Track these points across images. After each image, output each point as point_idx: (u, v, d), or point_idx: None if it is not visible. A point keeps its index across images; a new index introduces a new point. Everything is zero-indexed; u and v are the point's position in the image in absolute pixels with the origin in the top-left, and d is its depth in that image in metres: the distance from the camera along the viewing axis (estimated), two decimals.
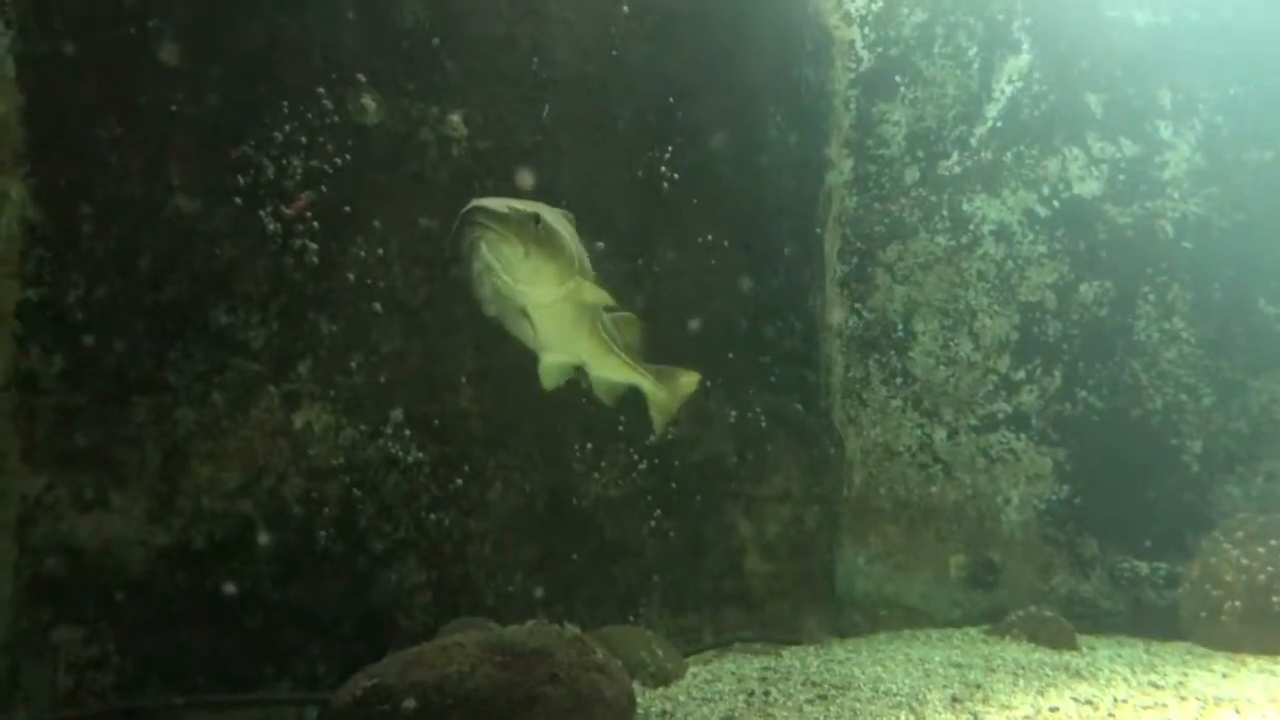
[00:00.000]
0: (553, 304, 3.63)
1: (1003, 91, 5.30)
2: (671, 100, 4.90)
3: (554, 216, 3.58)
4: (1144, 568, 5.24)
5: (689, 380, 4.40)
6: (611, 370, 4.18)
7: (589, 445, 4.68)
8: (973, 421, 5.49)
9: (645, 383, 4.27)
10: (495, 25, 4.35)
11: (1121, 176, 5.19)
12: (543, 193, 4.50)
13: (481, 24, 4.32)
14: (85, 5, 3.34)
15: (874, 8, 5.39)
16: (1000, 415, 5.45)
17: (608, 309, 3.94)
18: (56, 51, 3.28)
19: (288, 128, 3.80)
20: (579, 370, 4.11)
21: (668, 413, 4.41)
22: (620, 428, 4.79)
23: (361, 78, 3.96)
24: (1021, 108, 5.29)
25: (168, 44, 3.50)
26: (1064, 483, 5.39)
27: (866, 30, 5.44)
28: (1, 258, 3.18)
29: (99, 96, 3.37)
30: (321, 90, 3.88)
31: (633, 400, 4.26)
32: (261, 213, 3.74)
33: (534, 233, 3.38)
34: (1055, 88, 5.23)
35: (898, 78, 5.41)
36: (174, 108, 3.52)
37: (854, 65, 5.47)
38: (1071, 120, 5.22)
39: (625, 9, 4.68)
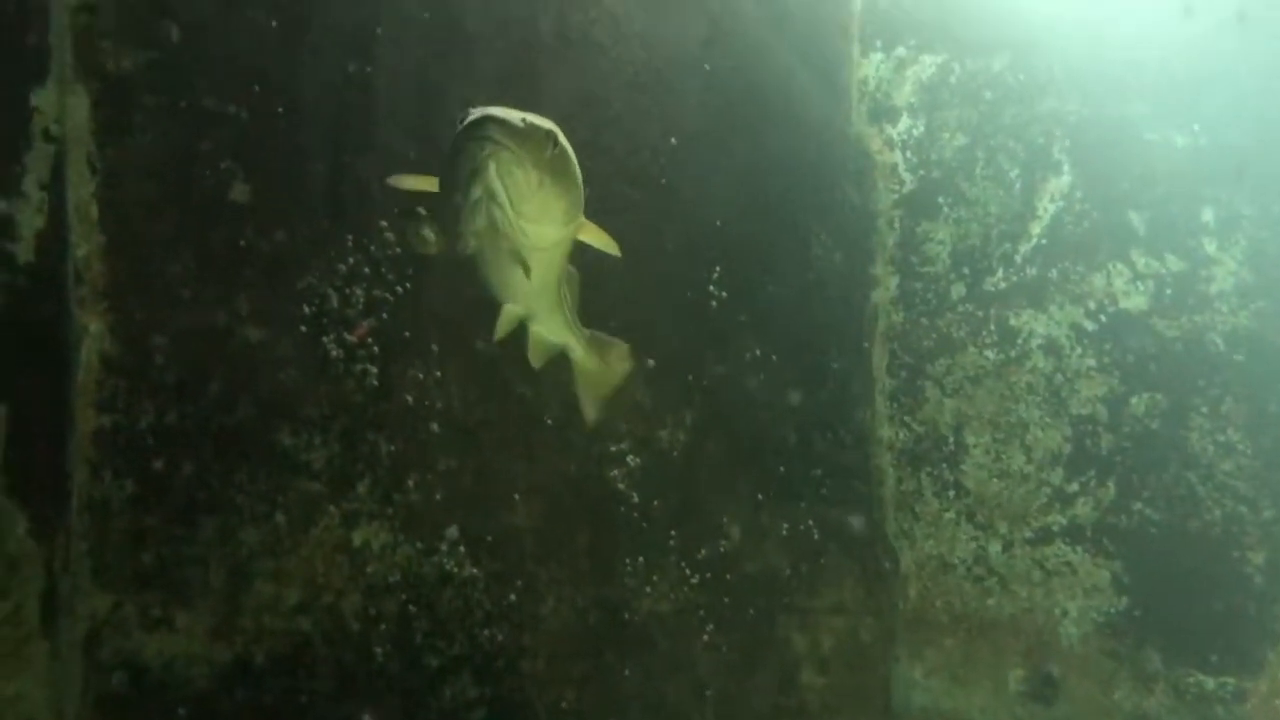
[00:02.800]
0: (551, 247, 3.17)
1: (1046, 210, 5.38)
2: (719, 223, 5.05)
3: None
4: (1210, 683, 5.11)
5: (621, 356, 4.03)
6: (554, 329, 3.75)
7: (640, 559, 4.74)
8: (1027, 534, 5.45)
9: (579, 350, 3.86)
10: None
11: (1168, 291, 5.21)
12: (593, 316, 4.66)
13: None
14: (164, 151, 3.58)
15: (915, 133, 5.53)
16: (1055, 527, 5.40)
17: None
18: (137, 194, 3.52)
19: (351, 259, 4.00)
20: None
21: (599, 393, 4.09)
22: (671, 541, 4.84)
23: (422, 211, 4.16)
24: (1064, 225, 5.35)
25: (239, 184, 3.73)
26: (1123, 595, 5.30)
27: (908, 154, 5.57)
28: (81, 388, 3.38)
29: (174, 234, 3.60)
30: (384, 223, 4.08)
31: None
32: (325, 340, 3.93)
33: (551, 157, 2.87)
34: (1097, 206, 5.29)
35: (941, 198, 5.52)
36: (243, 243, 3.74)
37: (897, 187, 5.59)
38: (1115, 237, 5.27)
39: (673, 140, 4.87)
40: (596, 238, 3.38)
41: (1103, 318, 5.33)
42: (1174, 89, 5.13)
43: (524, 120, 2.83)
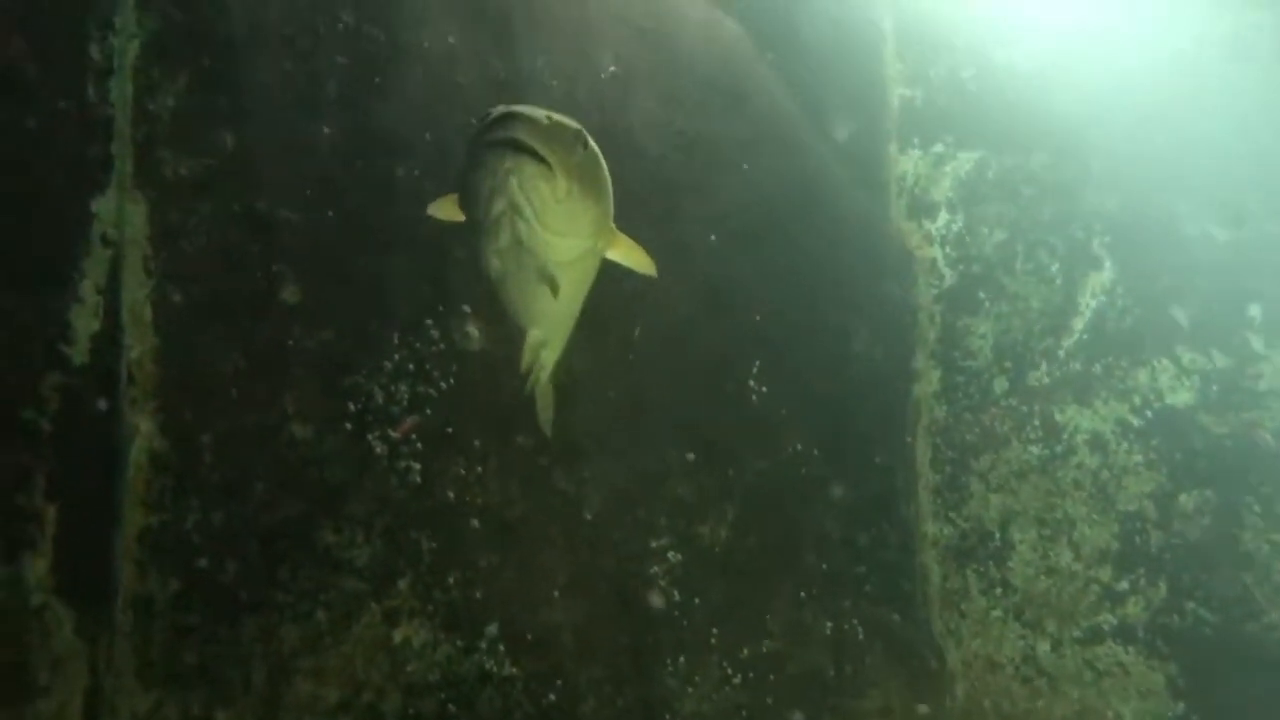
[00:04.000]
0: (579, 261, 2.86)
1: (1087, 305, 5.36)
2: (759, 318, 5.07)
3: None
4: None
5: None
6: (554, 350, 3.50)
7: (681, 659, 4.67)
8: (1077, 633, 5.32)
9: (549, 369, 3.64)
10: None
11: (1215, 388, 5.15)
12: (633, 407, 4.68)
13: None
14: (218, 254, 3.68)
15: (954, 228, 5.56)
16: (1105, 627, 5.28)
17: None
18: (190, 296, 3.61)
19: (397, 356, 4.06)
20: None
21: (549, 403, 3.90)
22: (713, 640, 4.78)
23: (467, 308, 4.22)
24: (1107, 321, 5.33)
25: (289, 285, 3.82)
26: (1179, 699, 5.14)
27: (948, 249, 5.59)
28: (129, 487, 3.44)
29: (224, 335, 3.68)
30: (430, 321, 4.15)
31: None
32: (370, 436, 3.97)
33: (579, 162, 2.56)
34: (1140, 301, 5.27)
35: (981, 293, 5.52)
36: (292, 342, 3.82)
37: (937, 281, 5.60)
38: (1159, 333, 5.23)
39: (713, 237, 4.93)
40: (628, 254, 3.06)
41: (1149, 413, 5.27)
42: (1215, 184, 5.13)
43: (549, 118, 2.50)
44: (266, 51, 3.75)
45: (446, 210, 3.19)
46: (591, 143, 2.66)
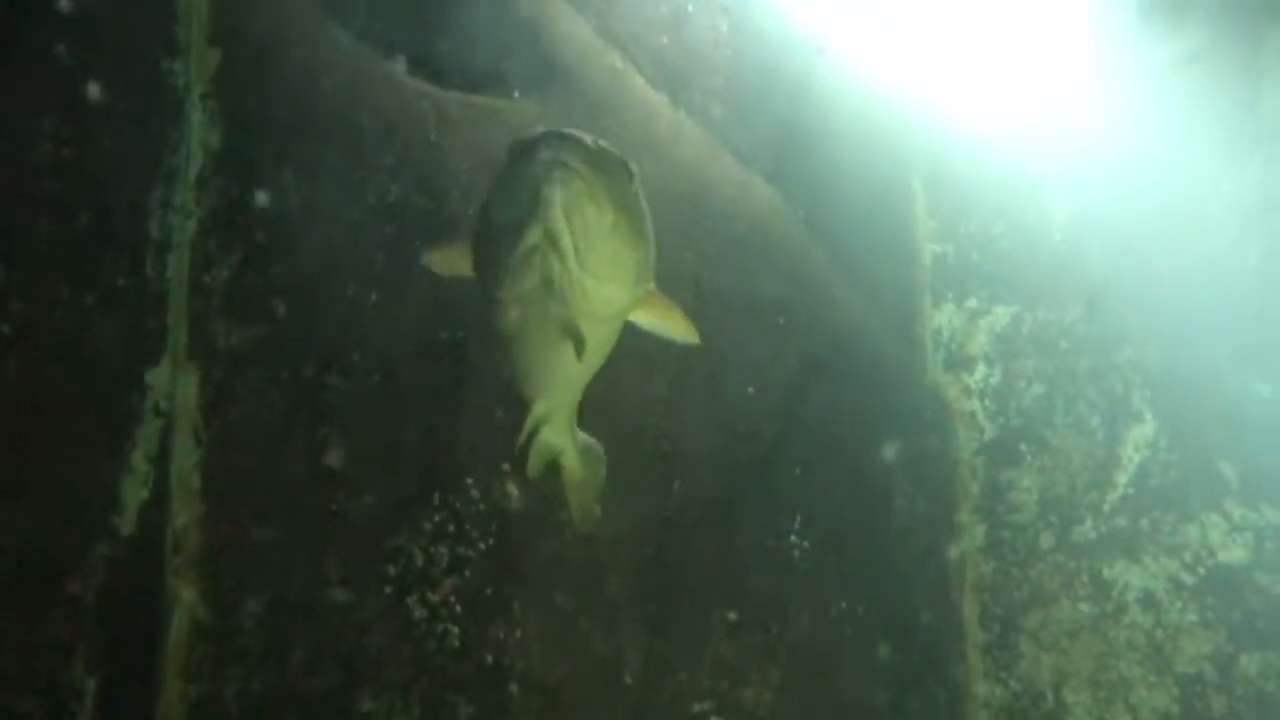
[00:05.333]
0: (612, 318, 2.45)
1: (1130, 459, 5.30)
2: (798, 471, 5.06)
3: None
4: None
5: (598, 456, 3.45)
6: (560, 430, 3.10)
7: None
8: None
9: (572, 457, 3.28)
10: (623, 419, 4.61)
11: (1269, 545, 5.03)
12: (673, 566, 4.64)
13: (609, 420, 4.61)
14: (265, 421, 3.74)
15: (992, 382, 5.57)
16: None
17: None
18: (237, 463, 3.66)
19: (437, 517, 4.07)
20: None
21: (588, 498, 3.54)
22: None
23: (506, 467, 4.24)
24: (1151, 475, 5.26)
25: (334, 450, 3.86)
26: None
27: (987, 402, 5.59)
28: (170, 656, 3.42)
29: (269, 501, 3.71)
30: (470, 480, 4.17)
31: None
32: (409, 599, 3.95)
33: (626, 194, 2.21)
34: (1185, 456, 5.21)
35: (1023, 445, 5.49)
36: (335, 507, 3.84)
37: (978, 435, 5.58)
38: (1206, 488, 5.15)
39: (751, 390, 4.96)
40: (666, 318, 2.60)
41: (1201, 570, 5.14)
42: (1257, 339, 5.12)
43: (597, 143, 2.18)
44: (318, 224, 3.89)
45: (445, 261, 2.82)
46: (638, 178, 2.32)
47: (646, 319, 2.60)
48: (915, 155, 5.62)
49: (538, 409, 2.83)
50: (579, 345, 2.31)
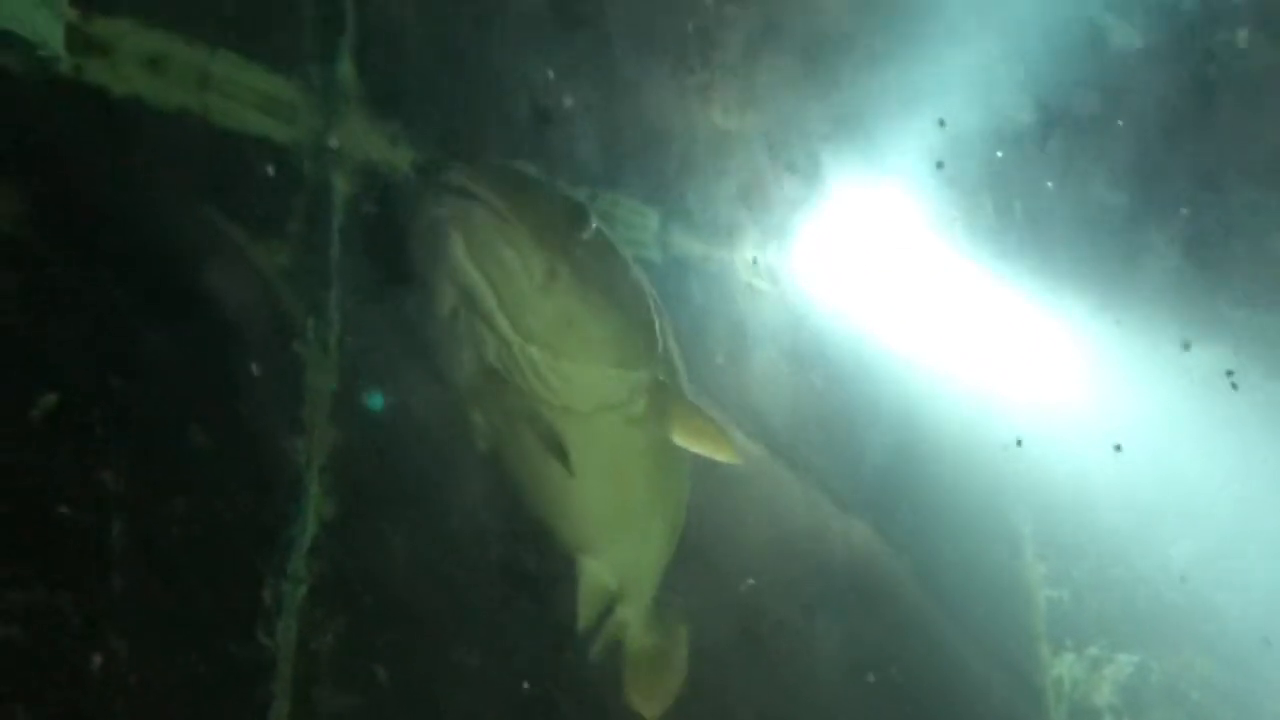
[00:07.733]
0: (598, 412, 1.82)
1: None
2: None
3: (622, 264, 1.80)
4: None
5: (680, 641, 2.74)
6: (639, 607, 2.34)
7: None
8: None
9: (636, 623, 2.48)
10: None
11: None
12: None
13: None
14: None
15: None
16: None
17: None
18: None
19: None
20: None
21: (654, 688, 2.71)
22: None
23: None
24: None
25: None
26: None
27: None
28: None
29: None
30: None
31: None
32: None
33: (580, 243, 1.64)
34: None
35: None
36: None
37: None
38: None
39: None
40: (697, 432, 2.00)
41: None
42: None
43: (523, 171, 1.72)
44: (429, 581, 3.89)
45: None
46: (605, 230, 1.79)
47: (678, 435, 2.05)
48: (1021, 499, 5.52)
49: (590, 573, 2.26)
50: (560, 456, 1.83)
